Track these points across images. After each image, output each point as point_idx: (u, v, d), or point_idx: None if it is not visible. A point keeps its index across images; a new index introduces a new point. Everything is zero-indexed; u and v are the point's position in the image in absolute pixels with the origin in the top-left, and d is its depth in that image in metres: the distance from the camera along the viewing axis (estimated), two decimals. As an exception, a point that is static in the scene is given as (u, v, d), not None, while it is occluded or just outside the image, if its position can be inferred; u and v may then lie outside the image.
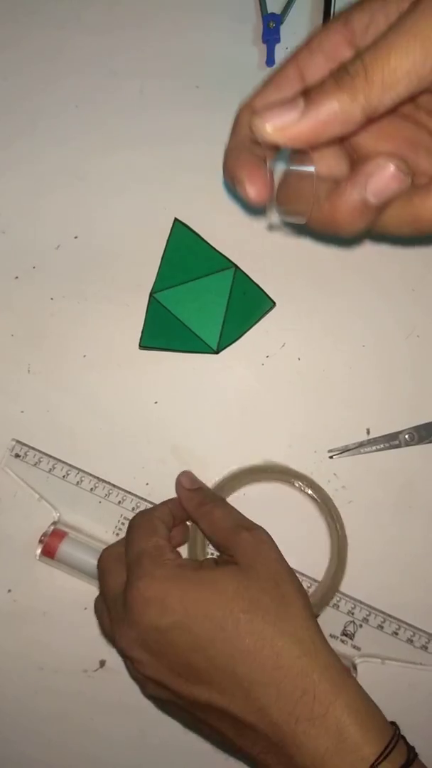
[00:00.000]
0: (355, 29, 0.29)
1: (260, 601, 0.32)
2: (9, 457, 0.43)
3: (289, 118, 0.25)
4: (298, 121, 0.25)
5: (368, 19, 0.28)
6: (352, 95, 0.25)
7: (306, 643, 0.32)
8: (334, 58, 0.29)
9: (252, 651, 0.31)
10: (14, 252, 0.45)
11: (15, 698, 0.42)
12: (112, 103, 0.46)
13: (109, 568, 0.37)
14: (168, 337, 0.43)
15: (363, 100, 0.25)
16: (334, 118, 0.25)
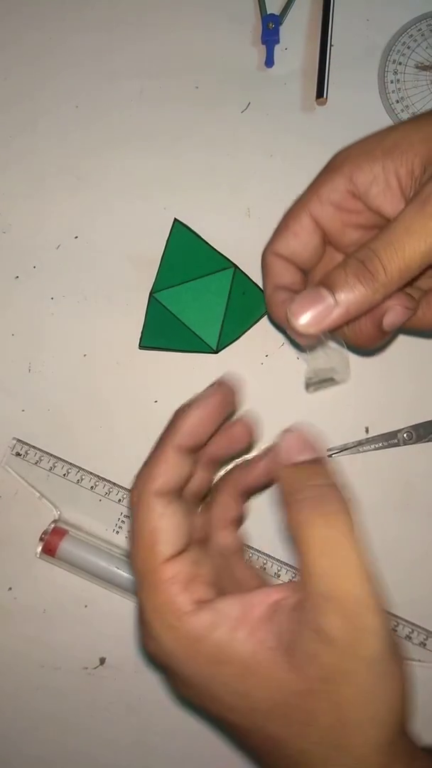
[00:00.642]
0: (358, 185, 0.31)
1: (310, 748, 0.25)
2: (10, 455, 0.43)
3: (321, 314, 0.28)
4: (328, 316, 0.28)
5: (371, 178, 0.31)
6: (375, 289, 0.28)
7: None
8: (343, 208, 0.32)
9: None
10: (15, 252, 0.45)
11: (15, 696, 0.42)
12: (112, 103, 0.47)
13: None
14: (168, 337, 0.43)
15: (383, 290, 0.28)
16: (359, 308, 0.29)
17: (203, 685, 0.25)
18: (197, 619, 0.24)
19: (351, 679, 0.23)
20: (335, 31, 0.46)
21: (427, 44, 0.46)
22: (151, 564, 0.25)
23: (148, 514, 0.26)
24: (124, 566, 0.41)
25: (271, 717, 0.24)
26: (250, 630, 0.24)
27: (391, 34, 0.46)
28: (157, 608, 0.25)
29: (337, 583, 0.24)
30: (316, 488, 0.25)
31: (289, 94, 0.46)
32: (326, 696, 0.24)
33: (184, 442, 0.27)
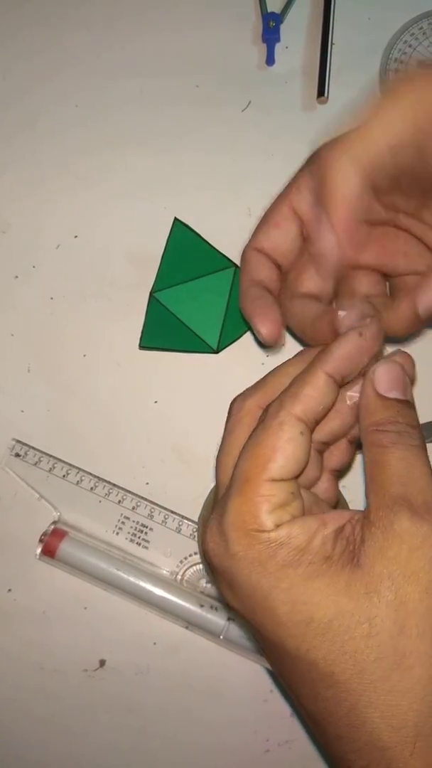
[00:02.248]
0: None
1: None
2: (9, 456, 0.43)
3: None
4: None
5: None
6: None
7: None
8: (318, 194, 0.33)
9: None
10: (14, 251, 0.45)
11: (14, 698, 0.42)
12: (112, 102, 0.46)
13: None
14: (168, 337, 0.43)
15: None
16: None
17: (263, 593, 0.25)
18: (276, 532, 0.25)
19: (416, 579, 0.24)
20: (336, 30, 0.46)
21: (429, 43, 0.46)
22: (256, 475, 0.26)
23: (279, 431, 0.26)
24: (124, 568, 0.41)
25: (330, 629, 0.24)
26: (325, 540, 0.25)
27: (393, 32, 0.46)
28: (241, 514, 0.26)
29: (411, 490, 0.25)
30: (401, 425, 0.26)
31: (289, 92, 0.46)
32: (390, 596, 0.23)
33: (335, 369, 0.27)
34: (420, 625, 0.23)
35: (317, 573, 0.24)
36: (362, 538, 0.25)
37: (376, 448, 0.26)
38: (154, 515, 0.42)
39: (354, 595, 0.24)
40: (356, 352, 0.28)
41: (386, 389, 0.27)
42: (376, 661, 0.23)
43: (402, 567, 0.24)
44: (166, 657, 0.41)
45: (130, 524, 0.42)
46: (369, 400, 0.27)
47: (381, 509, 0.25)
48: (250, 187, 0.45)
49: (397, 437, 0.26)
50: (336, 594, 0.24)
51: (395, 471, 0.25)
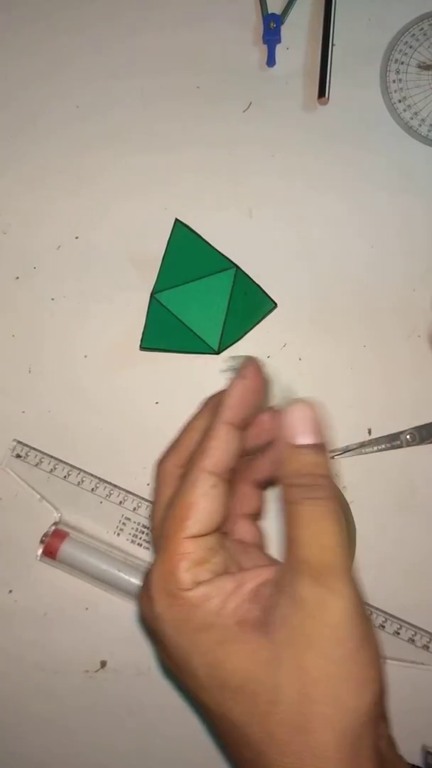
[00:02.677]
0: None
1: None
2: (10, 457, 0.43)
3: None
4: None
5: None
6: None
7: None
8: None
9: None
10: (15, 252, 0.45)
11: (15, 699, 0.42)
12: (113, 103, 0.46)
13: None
14: (169, 338, 0.43)
15: None
16: None
17: (184, 654, 0.26)
18: (193, 592, 0.26)
19: (315, 644, 0.24)
20: (337, 31, 0.46)
21: (430, 44, 0.46)
22: (175, 534, 0.27)
23: (192, 488, 0.27)
24: (125, 569, 0.41)
25: (240, 696, 0.25)
26: (240, 602, 0.26)
27: (393, 33, 0.46)
28: (162, 574, 0.26)
29: (313, 551, 0.25)
30: (313, 477, 0.26)
31: (290, 93, 0.46)
32: (292, 663, 0.24)
33: (233, 417, 0.28)
34: (321, 691, 0.24)
35: (229, 638, 0.25)
36: (273, 603, 0.25)
37: (288, 504, 0.26)
38: (155, 516, 0.42)
39: (260, 662, 0.24)
40: (246, 395, 0.28)
41: (296, 435, 0.27)
42: (282, 725, 0.24)
43: (303, 635, 0.24)
44: (167, 658, 0.41)
45: (131, 525, 0.42)
46: (282, 449, 0.27)
47: (288, 573, 0.25)
48: (251, 188, 0.45)
49: (306, 491, 0.26)
50: (245, 660, 0.25)
51: (302, 530, 0.25)
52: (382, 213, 0.44)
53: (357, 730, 0.24)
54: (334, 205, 0.44)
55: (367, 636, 0.25)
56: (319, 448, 0.27)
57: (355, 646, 0.24)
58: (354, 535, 0.40)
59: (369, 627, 0.25)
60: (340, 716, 0.24)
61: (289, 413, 0.27)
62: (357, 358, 0.43)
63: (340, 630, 0.24)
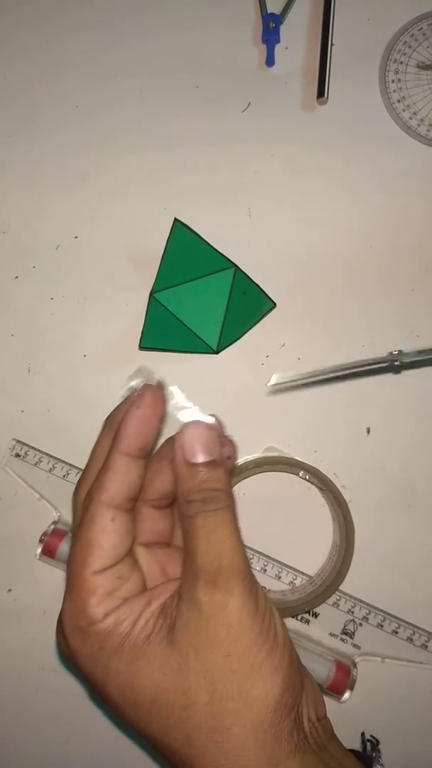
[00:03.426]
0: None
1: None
2: (9, 456, 0.43)
3: None
4: None
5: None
6: None
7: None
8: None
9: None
10: (14, 252, 0.45)
11: (15, 697, 0.42)
12: (113, 103, 0.46)
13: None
14: (168, 338, 0.43)
15: None
16: None
17: (100, 682, 0.27)
18: (103, 623, 0.26)
19: (215, 644, 0.25)
20: (336, 31, 0.46)
21: (429, 43, 0.46)
22: (79, 572, 0.27)
23: (91, 524, 0.27)
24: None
25: (154, 708, 0.25)
26: (148, 618, 0.26)
27: (392, 33, 0.46)
28: (72, 613, 0.27)
29: (208, 558, 0.26)
30: (207, 492, 0.27)
31: (289, 93, 0.46)
32: (197, 666, 0.25)
33: (129, 447, 0.28)
34: (228, 687, 0.25)
35: (138, 655, 0.26)
36: (176, 613, 0.26)
37: (185, 518, 0.27)
38: (154, 515, 0.42)
39: (168, 672, 0.25)
40: (141, 423, 0.28)
41: (191, 454, 0.27)
42: (198, 728, 0.25)
43: (203, 637, 0.25)
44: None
45: (130, 524, 0.42)
46: (178, 468, 0.28)
47: (186, 581, 0.26)
48: (250, 188, 0.45)
49: (201, 505, 0.26)
50: (154, 673, 0.25)
51: (198, 541, 0.26)
52: (381, 212, 0.44)
53: (269, 719, 0.25)
54: (333, 204, 0.44)
55: (267, 629, 0.26)
56: (213, 464, 0.27)
57: (253, 640, 0.25)
58: (353, 534, 0.40)
59: (269, 620, 0.26)
60: (248, 708, 0.25)
61: (183, 434, 0.28)
62: (355, 357, 0.43)
63: (236, 627, 0.25)
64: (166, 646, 0.26)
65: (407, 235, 0.44)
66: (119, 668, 0.26)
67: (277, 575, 0.41)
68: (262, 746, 0.25)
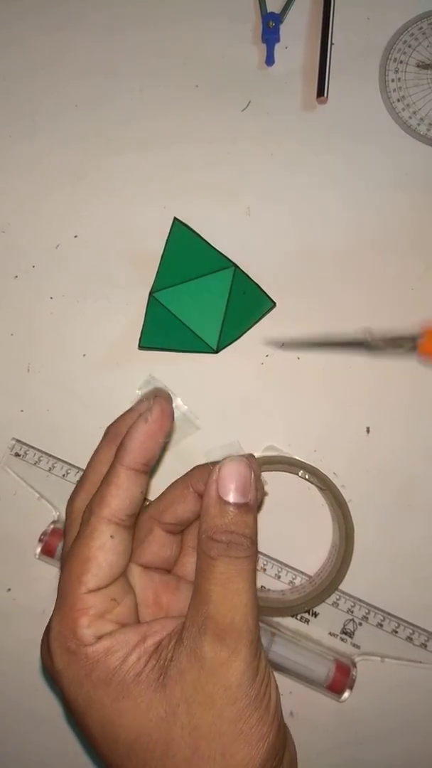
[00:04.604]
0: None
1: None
2: (9, 456, 0.43)
3: None
4: None
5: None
6: None
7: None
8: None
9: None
10: (14, 251, 0.45)
11: (14, 697, 0.42)
12: (112, 102, 0.46)
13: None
14: (168, 337, 0.43)
15: None
16: None
17: (81, 709, 0.26)
18: (95, 647, 0.25)
19: (209, 704, 0.24)
20: (336, 30, 0.46)
21: (429, 43, 0.46)
22: (72, 589, 0.26)
23: (90, 540, 0.27)
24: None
25: (132, 750, 0.25)
26: (140, 655, 0.25)
27: (392, 32, 0.46)
28: (61, 631, 0.26)
29: (221, 609, 0.25)
30: (233, 535, 0.26)
31: (289, 92, 0.46)
32: (185, 720, 0.24)
33: (134, 462, 0.27)
34: (212, 748, 0.24)
35: (125, 693, 0.25)
36: (172, 656, 0.25)
37: (204, 557, 0.26)
38: (154, 515, 0.42)
39: (154, 718, 0.24)
40: (148, 438, 0.27)
41: (226, 491, 0.26)
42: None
43: (198, 692, 0.24)
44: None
45: (129, 524, 0.42)
46: (209, 501, 0.27)
47: (191, 627, 0.25)
48: (249, 187, 0.45)
49: (225, 549, 0.26)
50: (139, 716, 0.24)
51: (214, 587, 0.25)
52: (380, 212, 0.44)
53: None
54: (333, 203, 0.44)
55: (263, 696, 0.25)
56: (246, 508, 0.26)
57: (248, 705, 0.24)
58: (352, 534, 0.40)
59: (266, 686, 0.25)
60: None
61: (224, 468, 0.27)
62: (355, 357, 0.43)
63: (234, 690, 0.24)
64: (156, 690, 0.25)
65: (407, 234, 0.44)
66: (104, 702, 0.25)
67: (277, 575, 0.41)
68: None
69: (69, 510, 0.30)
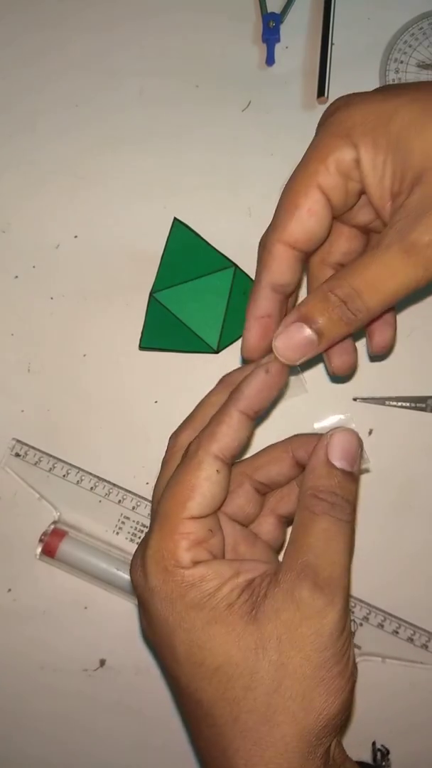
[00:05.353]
0: (362, 165, 0.30)
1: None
2: (9, 456, 0.43)
3: (304, 349, 0.29)
4: (311, 351, 0.29)
5: (372, 167, 0.29)
6: (356, 326, 0.29)
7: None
8: (350, 178, 0.30)
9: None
10: (14, 251, 0.45)
11: (15, 697, 0.42)
12: (112, 102, 0.46)
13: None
14: (168, 338, 0.43)
15: (362, 324, 0.29)
16: (338, 341, 0.30)
17: (168, 629, 0.27)
18: (192, 571, 0.27)
19: (300, 646, 0.25)
20: (336, 30, 0.46)
21: (429, 43, 0.46)
22: (175, 513, 0.27)
23: (197, 470, 0.28)
24: (124, 567, 0.41)
25: (216, 675, 0.26)
26: (234, 588, 0.26)
27: (393, 32, 0.46)
28: (160, 550, 0.27)
29: (321, 562, 0.26)
30: (338, 497, 0.27)
31: (289, 92, 0.46)
32: (274, 656, 0.25)
33: (248, 407, 0.29)
34: (294, 688, 0.25)
35: (216, 619, 0.26)
36: (266, 594, 0.26)
37: (307, 512, 0.27)
38: (154, 515, 0.42)
39: (243, 648, 0.25)
40: (264, 389, 0.29)
41: (337, 458, 0.28)
42: (250, 712, 0.25)
43: (291, 632, 0.25)
44: (166, 657, 0.41)
45: (130, 524, 0.42)
46: (317, 463, 0.28)
47: (289, 572, 0.26)
48: (250, 187, 0.45)
49: (329, 508, 0.27)
50: (228, 643, 0.26)
51: (314, 539, 0.27)
52: (381, 212, 0.44)
53: (317, 732, 0.25)
54: (334, 204, 0.44)
55: (346, 651, 0.26)
56: (351, 477, 0.28)
57: (333, 655, 0.26)
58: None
59: (349, 645, 0.27)
60: (306, 715, 0.25)
61: (338, 435, 0.28)
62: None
63: (325, 638, 0.25)
64: (248, 622, 0.26)
65: (407, 234, 0.44)
66: (195, 624, 0.26)
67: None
68: (300, 754, 0.25)
69: (172, 443, 0.32)
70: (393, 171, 0.29)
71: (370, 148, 0.29)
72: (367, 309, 0.29)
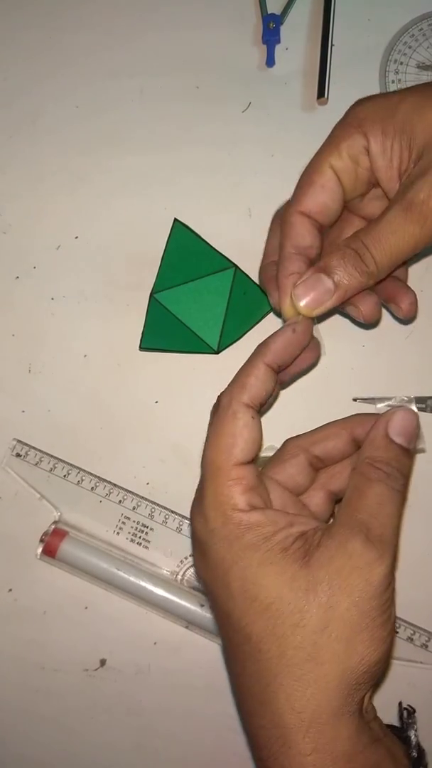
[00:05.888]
0: (371, 150, 0.34)
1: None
2: (10, 456, 0.43)
3: (321, 297, 0.33)
4: (328, 300, 0.33)
5: (381, 150, 0.34)
6: (368, 276, 0.33)
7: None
8: (359, 164, 0.34)
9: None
10: (15, 252, 0.45)
11: (15, 697, 0.42)
12: (113, 103, 0.46)
13: None
14: (168, 338, 0.43)
15: (374, 278, 0.33)
16: (353, 293, 0.33)
17: (225, 567, 0.28)
18: (249, 515, 0.28)
19: (349, 592, 0.27)
20: (336, 31, 0.46)
21: (429, 44, 0.46)
22: (225, 462, 0.29)
23: (234, 419, 0.30)
24: (124, 567, 0.41)
25: (268, 611, 0.27)
26: (288, 536, 0.28)
27: (393, 33, 0.46)
28: (217, 496, 0.29)
29: (374, 522, 0.28)
30: (393, 469, 0.29)
31: (289, 93, 0.46)
32: (324, 598, 0.27)
33: (273, 360, 0.31)
34: (340, 630, 0.26)
35: (271, 560, 0.27)
36: (319, 543, 0.28)
37: (363, 477, 0.29)
38: (155, 515, 0.42)
39: (295, 588, 0.27)
40: (290, 345, 0.32)
41: (396, 433, 0.30)
42: (296, 649, 0.27)
43: (341, 579, 0.27)
44: (166, 656, 0.41)
45: (130, 524, 0.42)
46: (377, 436, 0.30)
47: (343, 527, 0.28)
48: (250, 188, 0.45)
49: (385, 476, 0.29)
50: (281, 582, 0.27)
51: (368, 502, 0.28)
52: (381, 213, 0.44)
53: (357, 677, 0.27)
54: (334, 205, 0.44)
55: (389, 606, 0.28)
56: (408, 453, 0.30)
57: (379, 606, 0.27)
58: None
59: (392, 602, 0.28)
60: (348, 657, 0.26)
61: (400, 413, 0.30)
62: (356, 358, 0.43)
63: (373, 588, 0.27)
64: (301, 567, 0.27)
65: (407, 235, 0.44)
66: (251, 562, 0.27)
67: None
68: (339, 694, 0.26)
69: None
70: (400, 152, 0.33)
71: (379, 135, 0.33)
72: (375, 263, 0.32)
